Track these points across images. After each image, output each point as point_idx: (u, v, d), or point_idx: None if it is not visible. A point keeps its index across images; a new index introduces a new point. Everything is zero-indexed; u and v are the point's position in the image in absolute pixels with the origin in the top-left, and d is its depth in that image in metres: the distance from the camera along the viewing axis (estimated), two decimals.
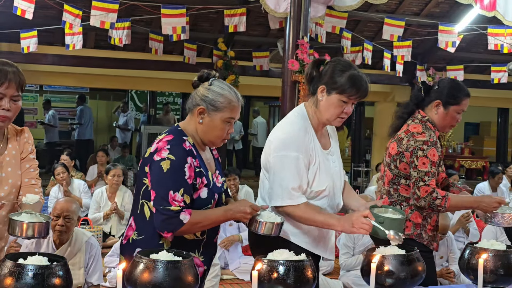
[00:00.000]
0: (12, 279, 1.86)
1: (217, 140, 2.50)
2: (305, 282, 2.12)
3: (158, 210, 2.33)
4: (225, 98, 2.46)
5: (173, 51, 9.89)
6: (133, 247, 2.41)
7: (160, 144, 2.40)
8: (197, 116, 2.47)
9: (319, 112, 2.70)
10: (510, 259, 2.45)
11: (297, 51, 6.39)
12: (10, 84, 2.39)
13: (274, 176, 2.62)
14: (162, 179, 2.34)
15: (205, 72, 2.55)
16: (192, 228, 2.38)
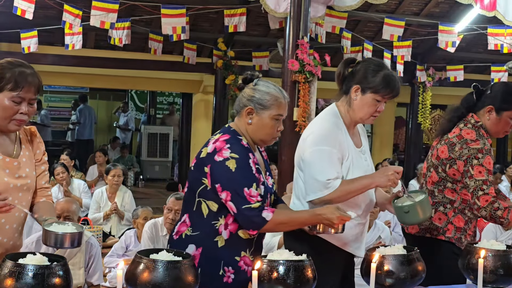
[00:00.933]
0: (12, 279, 1.86)
1: (267, 138, 2.55)
2: (305, 282, 2.13)
3: (240, 210, 2.38)
4: (272, 95, 2.50)
5: (173, 51, 9.89)
6: (185, 242, 2.47)
7: (218, 144, 2.45)
8: (246, 117, 2.52)
9: (352, 111, 2.77)
10: (510, 259, 2.45)
11: (297, 51, 6.38)
12: (30, 88, 2.37)
13: (309, 170, 2.67)
14: (233, 179, 2.39)
15: (248, 73, 2.60)
16: (277, 227, 2.48)
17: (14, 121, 2.37)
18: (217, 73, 9.81)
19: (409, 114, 11.34)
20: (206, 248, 2.45)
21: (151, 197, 10.15)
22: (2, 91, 2.33)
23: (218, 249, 2.45)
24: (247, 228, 2.42)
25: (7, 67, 2.36)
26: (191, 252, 2.44)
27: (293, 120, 6.45)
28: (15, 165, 2.44)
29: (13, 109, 2.35)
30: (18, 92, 2.33)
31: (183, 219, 2.54)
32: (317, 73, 6.44)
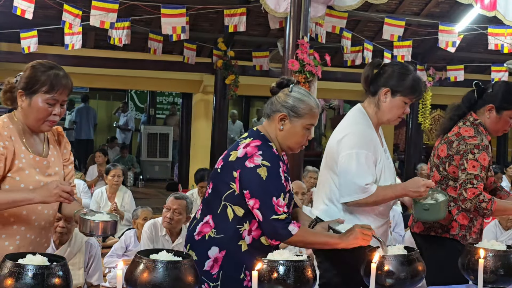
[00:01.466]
0: (12, 279, 1.85)
1: (296, 146, 2.56)
2: (305, 282, 2.12)
3: (267, 219, 2.41)
4: (306, 104, 2.51)
5: (173, 51, 9.89)
6: (208, 244, 2.49)
7: (249, 150, 2.45)
8: (278, 123, 2.52)
9: (381, 113, 2.83)
10: (510, 259, 2.45)
11: (297, 51, 6.38)
12: (64, 90, 2.43)
13: (346, 173, 2.71)
14: (264, 187, 2.41)
15: (284, 78, 2.59)
16: (299, 243, 2.51)
17: (47, 122, 2.44)
18: (217, 73, 9.81)
19: (409, 114, 11.32)
20: (230, 252, 2.47)
21: (151, 197, 10.15)
22: (37, 93, 2.40)
23: (242, 253, 2.48)
24: (271, 238, 2.46)
25: (40, 69, 2.43)
26: (214, 254, 2.48)
27: None
28: (44, 164, 2.50)
29: (47, 111, 2.41)
30: (53, 95, 2.39)
31: (205, 220, 2.54)
32: (317, 73, 6.44)
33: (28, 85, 2.42)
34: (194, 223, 2.60)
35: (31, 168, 2.44)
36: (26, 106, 2.43)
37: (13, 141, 2.41)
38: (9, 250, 2.36)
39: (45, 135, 2.57)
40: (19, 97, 2.45)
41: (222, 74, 9.70)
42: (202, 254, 2.48)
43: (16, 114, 2.49)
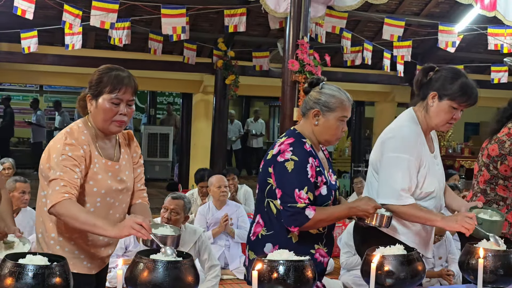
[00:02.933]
0: (12, 279, 1.85)
1: (332, 138, 2.72)
2: (305, 282, 2.12)
3: (285, 207, 2.56)
4: (337, 98, 2.67)
5: (173, 51, 9.89)
6: (263, 242, 2.66)
7: (282, 147, 2.63)
8: (313, 118, 2.69)
9: (429, 117, 2.85)
10: (510, 259, 2.45)
11: (297, 51, 6.39)
12: (127, 90, 2.49)
13: (385, 176, 2.77)
14: (288, 179, 2.56)
15: (314, 78, 2.76)
16: (317, 224, 2.60)
17: (115, 122, 2.50)
18: (217, 73, 9.81)
19: None
20: (282, 245, 2.55)
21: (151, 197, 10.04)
22: (102, 94, 2.47)
23: (293, 244, 2.61)
24: (289, 225, 2.56)
25: (104, 71, 2.51)
26: (269, 250, 2.59)
27: (293, 120, 6.45)
28: (116, 168, 2.56)
29: (113, 111, 2.47)
30: (116, 94, 2.46)
31: (257, 220, 2.72)
32: (317, 73, 6.44)
33: (94, 88, 2.50)
34: (250, 225, 2.79)
35: (103, 172, 2.50)
36: (94, 108, 2.51)
37: (88, 146, 2.48)
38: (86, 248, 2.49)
39: (116, 139, 2.63)
40: (88, 102, 2.54)
41: (222, 74, 9.70)
42: (260, 252, 2.63)
43: (89, 119, 2.56)
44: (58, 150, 2.41)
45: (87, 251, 2.52)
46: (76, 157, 2.40)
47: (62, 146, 2.41)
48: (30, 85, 15.82)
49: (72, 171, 2.37)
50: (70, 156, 2.39)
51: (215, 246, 5.84)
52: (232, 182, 6.79)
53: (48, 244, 2.49)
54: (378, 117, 12.38)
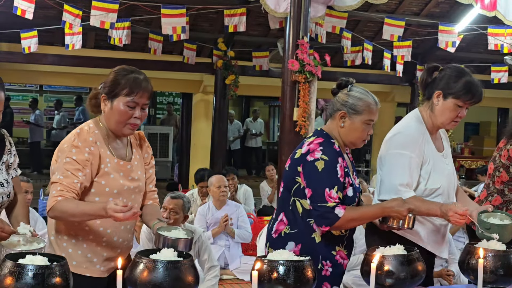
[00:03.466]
0: (12, 279, 1.85)
1: (358, 141, 2.73)
2: (305, 282, 2.12)
3: (315, 206, 2.56)
4: (364, 102, 2.68)
5: (173, 51, 9.88)
6: (285, 240, 2.67)
7: (311, 146, 2.64)
8: (339, 120, 2.70)
9: (434, 116, 2.90)
10: (510, 259, 2.44)
11: (297, 51, 6.38)
12: (144, 94, 2.48)
13: (386, 172, 2.84)
14: (318, 178, 2.57)
15: (343, 79, 2.76)
16: (348, 223, 2.60)
17: (129, 125, 2.49)
18: (217, 73, 9.81)
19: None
20: (305, 245, 2.62)
21: None
22: (118, 96, 2.45)
23: (316, 244, 2.63)
24: (320, 225, 2.57)
25: (121, 73, 2.48)
26: (290, 249, 2.61)
27: (293, 120, 6.45)
28: (128, 168, 2.56)
29: (128, 114, 2.46)
30: (133, 97, 2.45)
31: (280, 218, 2.72)
32: (317, 73, 6.44)
33: (110, 89, 2.47)
34: (271, 223, 2.78)
35: (115, 172, 2.51)
36: (108, 109, 2.49)
37: (99, 146, 2.47)
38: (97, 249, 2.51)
39: (128, 140, 2.64)
40: (102, 102, 2.51)
41: (222, 74, 9.70)
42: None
43: (101, 119, 2.55)
44: (65, 151, 2.43)
45: (100, 254, 2.52)
46: (80, 161, 2.40)
47: (68, 148, 2.42)
48: (30, 85, 15.82)
49: (73, 175, 2.38)
50: (74, 160, 2.40)
51: (215, 246, 5.84)
52: (232, 182, 6.79)
53: (60, 246, 2.50)
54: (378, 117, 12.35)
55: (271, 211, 7.35)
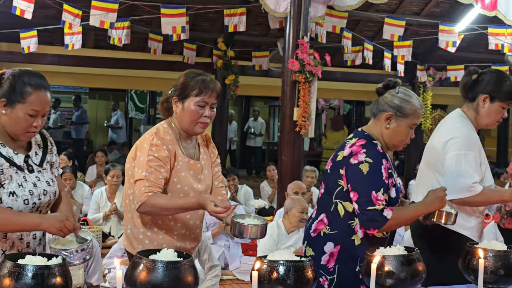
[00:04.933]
0: (11, 279, 1.85)
1: (400, 143, 2.74)
2: (305, 282, 2.12)
3: (363, 210, 2.55)
4: (412, 105, 2.69)
5: (173, 51, 9.88)
6: (324, 240, 2.68)
7: (354, 148, 2.63)
8: (384, 121, 2.70)
9: (480, 118, 3.03)
10: (510, 260, 2.44)
11: (297, 51, 6.38)
12: (212, 93, 2.66)
13: (455, 173, 2.90)
14: (364, 181, 2.57)
15: (391, 80, 2.79)
16: (396, 224, 2.61)
17: (200, 124, 2.68)
18: (217, 73, 9.80)
19: None
20: (344, 246, 2.63)
21: None
22: (188, 97, 2.64)
23: (356, 247, 2.63)
24: (368, 228, 2.57)
25: (190, 76, 2.68)
26: (329, 249, 2.65)
27: (293, 120, 6.45)
28: (198, 166, 2.74)
29: (198, 113, 2.65)
30: (202, 97, 2.63)
31: (320, 218, 2.73)
32: (317, 73, 6.43)
33: (181, 91, 2.67)
34: (310, 222, 2.80)
35: (186, 170, 2.68)
36: (180, 110, 2.68)
37: (173, 145, 2.66)
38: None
39: (196, 140, 2.81)
40: (174, 104, 2.70)
41: (222, 74, 9.69)
42: (319, 250, 2.67)
43: (173, 120, 2.73)
44: (145, 150, 2.60)
45: (174, 245, 2.67)
46: (161, 158, 2.58)
47: (148, 147, 2.59)
48: None
49: (157, 172, 2.56)
50: (156, 157, 2.57)
51: (215, 246, 5.83)
52: (233, 182, 6.79)
53: (137, 238, 2.68)
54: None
55: (271, 211, 7.34)
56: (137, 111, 16.17)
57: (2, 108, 2.29)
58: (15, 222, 2.25)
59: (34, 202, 2.34)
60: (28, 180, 2.34)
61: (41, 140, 2.49)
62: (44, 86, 2.31)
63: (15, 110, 2.27)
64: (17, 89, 2.27)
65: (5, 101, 2.28)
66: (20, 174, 2.33)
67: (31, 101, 2.27)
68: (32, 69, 2.37)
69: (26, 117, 2.27)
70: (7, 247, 2.31)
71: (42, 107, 2.30)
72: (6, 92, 2.28)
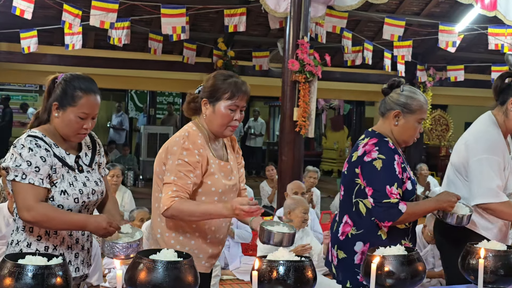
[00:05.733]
0: (11, 279, 1.85)
1: (410, 139, 2.84)
2: (305, 282, 2.12)
3: (378, 204, 2.66)
4: (418, 101, 2.79)
5: (173, 51, 9.88)
6: (353, 241, 2.77)
7: (367, 147, 2.75)
8: (393, 119, 2.81)
9: (508, 121, 3.04)
10: (510, 260, 2.44)
11: (297, 51, 6.38)
12: (244, 97, 2.66)
13: (479, 177, 2.94)
14: (378, 176, 2.68)
15: (395, 80, 2.86)
16: (409, 218, 2.72)
17: (230, 127, 2.67)
18: None
19: None
20: (373, 243, 2.69)
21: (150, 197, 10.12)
22: (220, 100, 2.63)
23: (383, 241, 2.71)
24: (382, 220, 2.67)
25: (220, 78, 2.66)
26: (359, 248, 2.75)
27: (293, 120, 6.45)
28: (228, 168, 2.75)
29: (230, 116, 2.64)
30: (234, 101, 2.63)
31: (344, 220, 2.82)
32: (317, 73, 6.44)
33: (211, 94, 2.65)
34: (336, 226, 2.89)
35: (218, 172, 2.68)
36: (211, 113, 2.66)
37: (205, 148, 2.65)
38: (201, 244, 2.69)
39: (222, 141, 2.81)
40: (203, 105, 2.68)
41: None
42: (350, 251, 2.77)
43: (201, 122, 2.71)
44: (175, 153, 2.58)
45: (205, 250, 2.69)
46: (191, 163, 2.56)
47: (179, 150, 2.58)
48: (29, 85, 15.83)
49: (186, 177, 2.55)
50: (186, 162, 2.56)
51: None
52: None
53: (167, 243, 2.65)
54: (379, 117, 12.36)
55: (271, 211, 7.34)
56: (136, 111, 16.17)
57: (55, 111, 2.41)
58: (63, 221, 2.35)
59: (84, 200, 2.45)
60: (78, 179, 2.45)
61: (90, 142, 2.60)
62: (93, 90, 2.43)
63: (66, 113, 2.39)
64: (68, 93, 2.39)
65: (58, 105, 2.40)
66: (71, 173, 2.44)
67: (81, 104, 2.39)
68: (83, 74, 2.48)
69: (77, 120, 2.39)
70: (57, 243, 2.43)
71: (92, 110, 2.41)
72: (59, 96, 2.40)
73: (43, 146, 2.36)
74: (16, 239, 2.43)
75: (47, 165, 2.35)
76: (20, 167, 2.31)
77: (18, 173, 2.31)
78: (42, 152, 2.35)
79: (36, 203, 2.29)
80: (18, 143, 2.36)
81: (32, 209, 2.28)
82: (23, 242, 2.40)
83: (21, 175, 2.30)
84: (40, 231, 2.40)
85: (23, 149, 2.33)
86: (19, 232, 2.43)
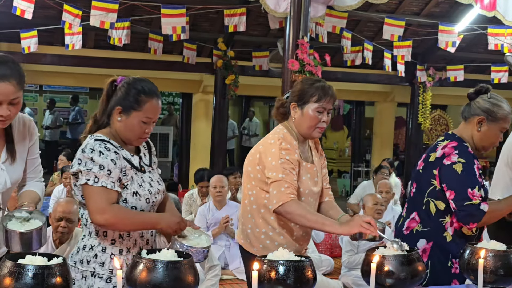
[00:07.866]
0: (11, 279, 1.85)
1: (490, 146, 2.89)
2: (305, 282, 2.12)
3: (461, 207, 2.70)
4: (503, 110, 2.82)
5: (173, 51, 9.88)
6: (417, 237, 2.85)
7: (446, 150, 2.79)
8: (476, 125, 2.84)
9: None
10: (510, 259, 2.44)
11: (297, 51, 6.38)
12: (330, 99, 2.80)
13: None
14: (459, 180, 2.72)
15: (483, 86, 2.90)
16: (493, 218, 2.76)
17: (318, 129, 2.80)
18: (217, 73, 9.81)
19: (409, 114, 11.34)
20: (437, 242, 2.79)
21: None
22: (308, 103, 2.77)
23: (447, 243, 2.79)
24: (467, 223, 2.71)
25: (308, 83, 2.82)
26: (422, 245, 2.82)
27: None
28: (314, 170, 2.87)
29: (317, 118, 2.77)
30: (322, 103, 2.76)
31: (411, 216, 2.89)
32: (317, 73, 6.43)
33: (299, 98, 2.79)
34: (401, 220, 2.96)
35: (306, 174, 2.80)
36: (299, 116, 2.80)
37: (297, 151, 2.77)
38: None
39: (308, 143, 2.92)
40: (292, 109, 2.82)
41: (222, 74, 9.70)
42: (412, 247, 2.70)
43: (290, 125, 2.85)
44: (275, 154, 2.71)
45: (293, 245, 2.81)
46: (292, 161, 2.71)
47: (278, 151, 2.71)
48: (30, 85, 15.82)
49: (292, 174, 2.68)
50: (288, 160, 2.69)
51: (215, 246, 5.84)
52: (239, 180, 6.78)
53: (258, 238, 2.82)
54: (378, 117, 12.37)
55: None
56: None
57: (118, 115, 2.40)
58: (137, 221, 2.37)
59: (153, 200, 2.47)
60: (145, 180, 2.48)
61: (145, 142, 2.62)
62: (156, 94, 2.49)
63: (130, 118, 2.39)
64: (132, 97, 2.40)
65: (121, 109, 2.40)
66: (138, 174, 2.46)
67: (146, 109, 2.41)
68: (144, 77, 2.53)
69: (140, 124, 2.40)
70: (130, 245, 2.44)
71: (155, 114, 2.45)
72: (122, 100, 2.40)
73: (112, 149, 2.36)
74: (89, 244, 2.40)
75: (118, 168, 2.35)
76: (92, 170, 2.29)
77: (90, 176, 2.29)
78: (112, 155, 2.34)
79: (108, 205, 2.29)
80: (87, 147, 2.34)
81: (105, 211, 2.28)
82: (97, 247, 2.39)
83: (93, 179, 2.29)
84: (114, 235, 2.40)
85: (93, 153, 2.31)
86: (92, 237, 2.41)
